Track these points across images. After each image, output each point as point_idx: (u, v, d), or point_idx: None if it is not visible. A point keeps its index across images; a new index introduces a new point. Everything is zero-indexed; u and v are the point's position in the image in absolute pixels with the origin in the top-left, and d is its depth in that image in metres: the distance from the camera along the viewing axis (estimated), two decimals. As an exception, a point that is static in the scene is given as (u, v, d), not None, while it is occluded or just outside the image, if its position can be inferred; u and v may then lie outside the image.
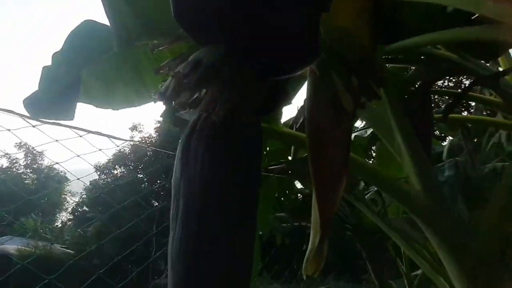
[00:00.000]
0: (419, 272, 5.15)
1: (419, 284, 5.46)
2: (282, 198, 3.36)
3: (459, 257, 0.95)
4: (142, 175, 19.39)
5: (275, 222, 4.45)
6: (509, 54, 2.34)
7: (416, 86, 1.83)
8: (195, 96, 0.55)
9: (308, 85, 0.75)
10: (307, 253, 0.74)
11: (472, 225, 1.01)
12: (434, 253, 1.14)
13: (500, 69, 2.31)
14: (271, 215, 3.75)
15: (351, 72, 0.64)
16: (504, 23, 1.02)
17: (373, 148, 2.24)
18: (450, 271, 0.98)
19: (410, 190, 1.02)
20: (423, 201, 1.00)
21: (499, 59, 2.41)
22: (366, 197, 2.03)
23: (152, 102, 1.31)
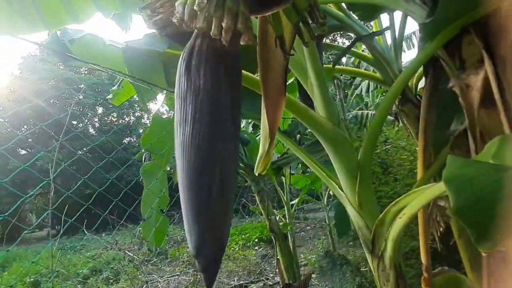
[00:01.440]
0: (295, 201, 6.09)
1: (294, 210, 6.48)
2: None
3: (347, 163, 1.35)
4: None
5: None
6: (380, 18, 2.90)
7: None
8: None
9: (259, 22, 0.93)
10: (258, 156, 0.98)
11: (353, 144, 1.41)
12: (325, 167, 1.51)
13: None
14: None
15: (300, 15, 0.85)
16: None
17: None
18: (339, 173, 1.38)
19: (319, 117, 1.35)
20: (327, 124, 1.34)
21: (372, 22, 2.97)
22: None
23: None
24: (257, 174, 1.01)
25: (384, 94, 8.01)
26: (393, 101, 1.36)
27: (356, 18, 2.35)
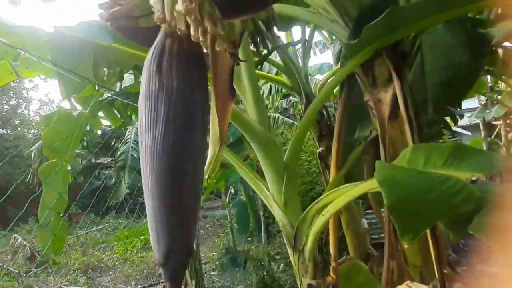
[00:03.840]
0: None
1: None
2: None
3: (275, 164, 1.44)
4: None
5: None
6: (291, 32, 3.14)
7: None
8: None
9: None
10: (208, 160, 0.97)
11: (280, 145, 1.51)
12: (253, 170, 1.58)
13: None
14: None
15: (256, 27, 0.89)
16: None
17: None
18: (266, 174, 1.46)
19: (251, 120, 1.40)
20: (258, 128, 1.41)
21: (285, 33, 3.19)
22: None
23: None
24: (206, 177, 1.00)
25: (283, 98, 8.61)
26: (317, 109, 1.50)
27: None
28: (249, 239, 7.92)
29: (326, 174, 2.36)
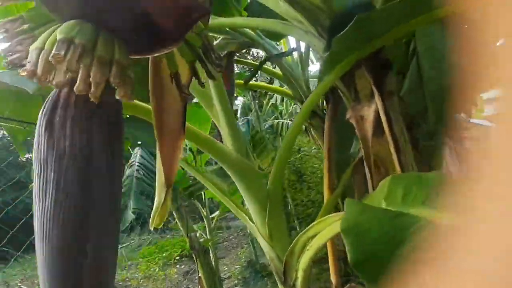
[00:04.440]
0: (215, 214, 6.01)
1: (215, 224, 6.39)
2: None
3: (256, 193, 1.32)
4: None
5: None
6: (288, 39, 3.01)
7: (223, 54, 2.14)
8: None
9: (151, 62, 0.84)
10: (154, 207, 0.87)
11: (262, 171, 1.38)
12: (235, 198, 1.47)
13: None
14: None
15: (197, 56, 0.78)
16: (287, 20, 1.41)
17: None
18: (249, 204, 1.34)
19: (225, 148, 1.29)
20: (234, 156, 1.29)
21: (282, 41, 3.07)
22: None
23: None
24: (152, 229, 0.90)
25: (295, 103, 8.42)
26: (296, 133, 1.36)
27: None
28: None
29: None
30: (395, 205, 0.77)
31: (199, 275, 4.87)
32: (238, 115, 6.10)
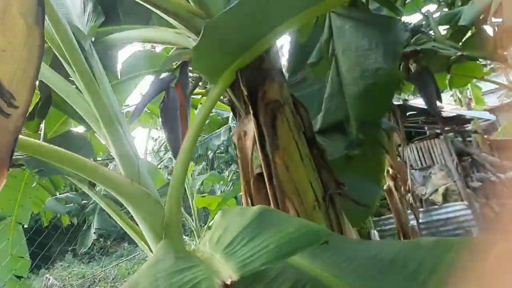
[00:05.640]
0: (210, 223, 5.87)
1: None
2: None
3: (151, 221, 1.20)
4: None
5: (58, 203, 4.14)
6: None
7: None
8: None
9: None
10: None
11: (159, 199, 1.26)
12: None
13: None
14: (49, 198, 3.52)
15: None
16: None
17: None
18: (145, 233, 1.23)
19: (118, 177, 1.18)
20: (123, 181, 1.18)
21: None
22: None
23: None
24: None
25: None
26: (191, 149, 1.23)
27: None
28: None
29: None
30: (212, 248, 0.65)
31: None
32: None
